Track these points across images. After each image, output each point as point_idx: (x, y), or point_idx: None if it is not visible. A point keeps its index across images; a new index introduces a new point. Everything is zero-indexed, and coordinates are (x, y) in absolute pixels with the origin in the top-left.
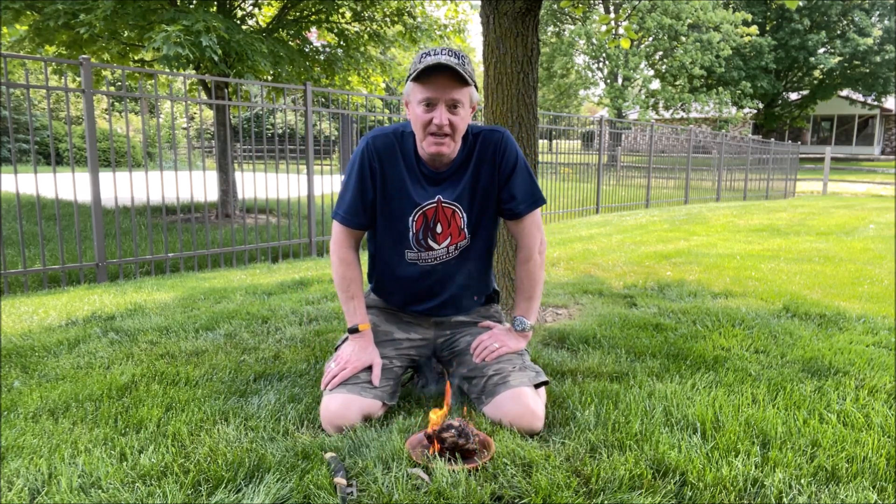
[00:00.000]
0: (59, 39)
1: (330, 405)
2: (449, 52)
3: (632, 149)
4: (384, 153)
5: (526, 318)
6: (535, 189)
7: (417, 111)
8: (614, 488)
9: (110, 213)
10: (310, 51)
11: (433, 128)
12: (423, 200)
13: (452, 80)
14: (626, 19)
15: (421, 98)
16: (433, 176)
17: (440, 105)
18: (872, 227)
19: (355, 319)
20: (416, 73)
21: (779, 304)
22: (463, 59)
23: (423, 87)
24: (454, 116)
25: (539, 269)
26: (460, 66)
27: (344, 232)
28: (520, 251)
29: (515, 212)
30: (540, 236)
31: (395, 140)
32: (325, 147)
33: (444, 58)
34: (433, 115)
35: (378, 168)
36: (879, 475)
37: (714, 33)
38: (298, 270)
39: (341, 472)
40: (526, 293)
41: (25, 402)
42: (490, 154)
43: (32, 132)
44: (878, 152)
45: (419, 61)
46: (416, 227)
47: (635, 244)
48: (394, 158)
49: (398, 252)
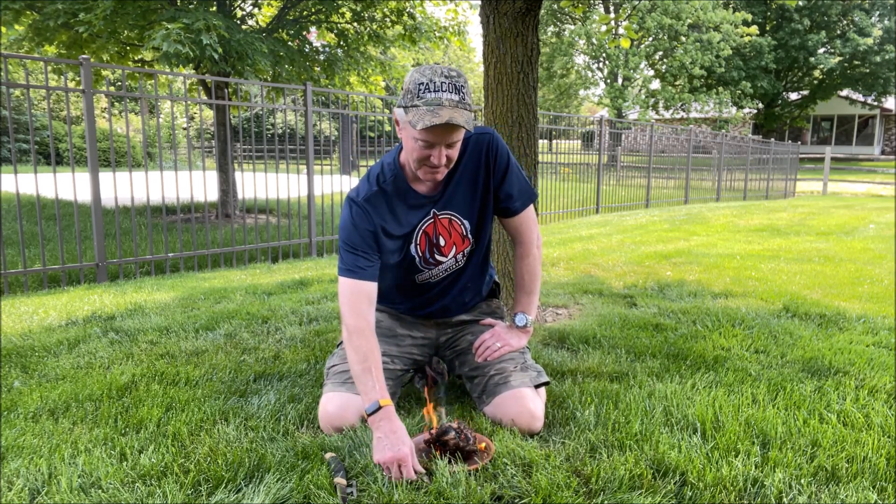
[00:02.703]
0: (58, 39)
1: (328, 406)
2: (450, 86)
3: (632, 149)
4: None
5: (527, 314)
6: (527, 184)
7: (413, 145)
8: (614, 488)
9: (110, 213)
10: (310, 51)
11: (430, 163)
12: (420, 219)
13: (456, 128)
14: (626, 19)
15: (419, 138)
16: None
17: (439, 147)
18: (872, 227)
19: (375, 395)
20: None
21: (779, 304)
22: (463, 92)
23: (424, 132)
24: (451, 150)
25: (537, 263)
26: (462, 106)
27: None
28: (518, 247)
29: (513, 209)
30: (536, 230)
31: (375, 188)
32: (325, 147)
33: (446, 102)
34: (431, 153)
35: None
36: (879, 475)
37: (714, 33)
38: (298, 270)
39: (341, 472)
40: (526, 288)
41: (25, 402)
42: (484, 157)
43: (32, 132)
44: (878, 152)
45: (419, 95)
46: (420, 251)
47: (635, 244)
48: (381, 208)
49: (409, 280)
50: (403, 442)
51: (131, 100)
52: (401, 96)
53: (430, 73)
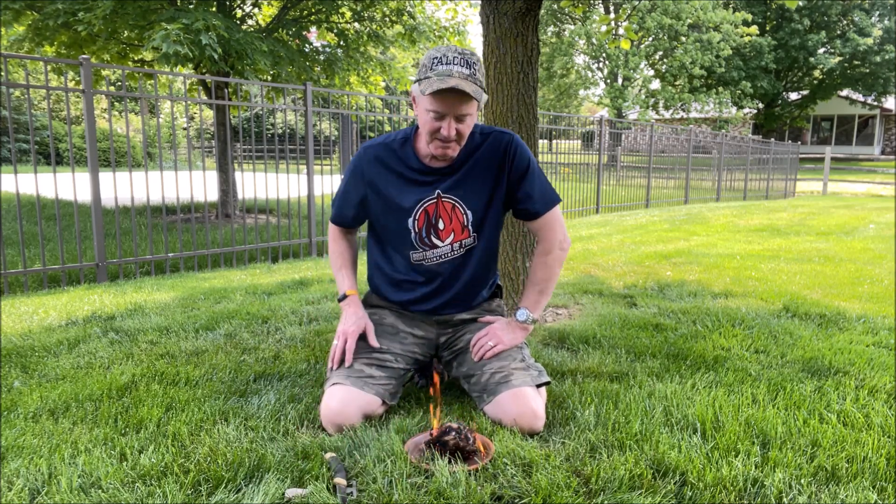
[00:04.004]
0: (58, 39)
1: (331, 403)
2: (462, 61)
3: (632, 149)
4: (381, 160)
5: (531, 311)
6: (550, 188)
7: (426, 118)
8: (614, 488)
9: (110, 213)
10: (310, 51)
11: (441, 135)
12: (423, 196)
13: (464, 97)
14: (626, 19)
15: (430, 108)
16: (433, 172)
17: (449, 117)
18: (872, 227)
19: (343, 287)
20: (429, 91)
21: (779, 304)
22: (474, 68)
23: (433, 100)
24: (462, 125)
25: (557, 263)
26: (472, 80)
27: (334, 228)
28: (540, 244)
29: (532, 210)
30: (562, 232)
31: (392, 147)
32: (325, 147)
33: (456, 73)
34: (441, 125)
35: (375, 174)
36: (879, 475)
37: (714, 33)
38: (298, 270)
39: (341, 472)
40: (538, 286)
41: (25, 402)
42: (499, 156)
43: (32, 132)
44: (878, 152)
45: (431, 68)
46: (417, 227)
47: (635, 244)
48: (387, 166)
49: (403, 255)
50: (354, 323)
51: (131, 100)
52: (417, 73)
53: (444, 49)
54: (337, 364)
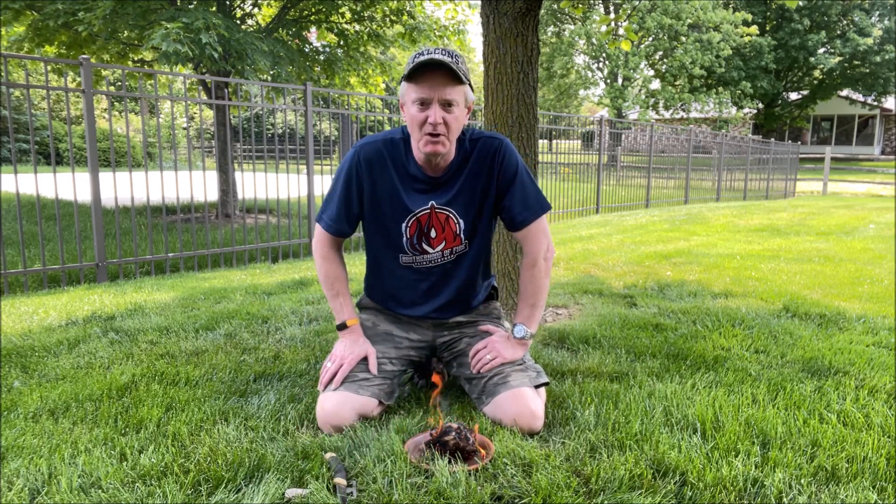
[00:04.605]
0: (58, 39)
1: (325, 405)
2: (443, 51)
3: (632, 149)
4: (373, 162)
5: (527, 326)
6: (538, 197)
7: (412, 111)
8: (614, 488)
9: (110, 213)
10: (310, 51)
11: (428, 127)
12: (417, 207)
13: (446, 78)
14: (627, 19)
15: (415, 97)
16: (427, 181)
17: (434, 104)
18: (872, 227)
19: (343, 316)
20: (409, 72)
21: (779, 304)
22: (457, 58)
23: (416, 86)
24: (448, 115)
25: (544, 275)
26: (454, 64)
27: (326, 236)
28: (525, 256)
29: (517, 220)
30: (546, 242)
31: (385, 148)
32: (325, 147)
33: (437, 56)
34: (427, 113)
35: (366, 178)
36: (879, 475)
37: (714, 33)
38: (298, 270)
39: (341, 472)
40: (529, 300)
41: (25, 402)
42: (488, 161)
43: (32, 132)
44: (878, 152)
45: (412, 61)
46: (409, 233)
47: (635, 244)
48: (383, 167)
49: (392, 256)
50: (353, 351)
51: (131, 100)
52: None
53: (425, 47)
54: (324, 387)
